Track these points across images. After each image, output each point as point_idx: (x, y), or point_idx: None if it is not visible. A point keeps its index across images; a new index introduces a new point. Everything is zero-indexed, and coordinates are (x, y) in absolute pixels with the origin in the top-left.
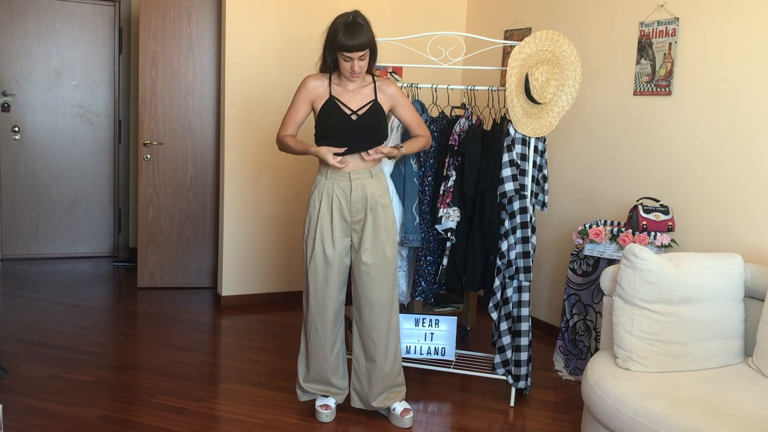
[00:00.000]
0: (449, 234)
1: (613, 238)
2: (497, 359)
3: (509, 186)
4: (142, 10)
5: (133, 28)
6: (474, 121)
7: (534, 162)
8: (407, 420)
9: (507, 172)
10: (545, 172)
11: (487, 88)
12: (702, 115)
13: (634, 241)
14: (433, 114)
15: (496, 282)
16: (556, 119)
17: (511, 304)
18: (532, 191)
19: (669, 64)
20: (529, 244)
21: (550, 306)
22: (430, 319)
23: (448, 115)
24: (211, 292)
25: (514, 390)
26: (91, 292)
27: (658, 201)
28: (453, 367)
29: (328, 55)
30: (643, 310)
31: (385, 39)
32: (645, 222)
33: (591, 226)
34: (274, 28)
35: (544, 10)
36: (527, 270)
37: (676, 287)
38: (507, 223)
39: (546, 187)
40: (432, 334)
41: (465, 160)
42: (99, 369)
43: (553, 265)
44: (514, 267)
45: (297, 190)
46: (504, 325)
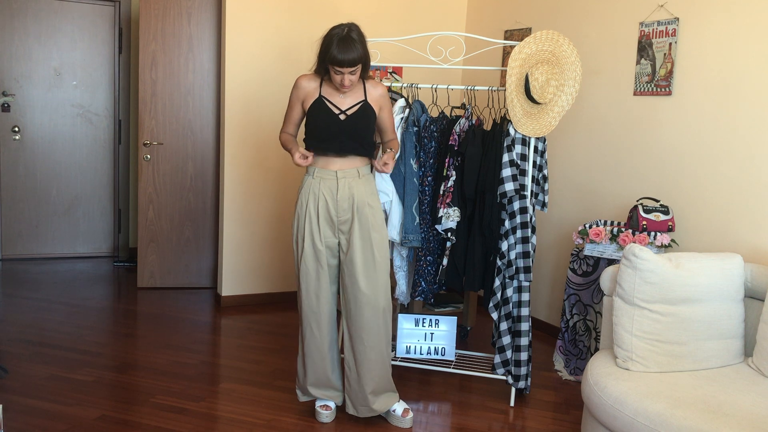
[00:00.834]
0: (449, 234)
1: (613, 238)
2: (497, 359)
3: (509, 186)
4: (142, 10)
5: (133, 28)
6: (474, 121)
7: (534, 162)
8: (408, 420)
9: (507, 172)
10: (545, 172)
11: (487, 88)
12: (702, 115)
13: (634, 241)
14: (433, 114)
15: (496, 282)
16: (556, 119)
17: (511, 304)
18: (532, 191)
19: (669, 64)
20: (529, 244)
21: (550, 306)
22: (430, 319)
23: (448, 115)
24: (211, 292)
25: (514, 390)
26: (91, 292)
27: (658, 201)
28: (453, 367)
29: (320, 63)
30: (643, 310)
31: (385, 39)
32: (645, 222)
33: (591, 226)
34: (274, 28)
35: (544, 10)
36: (527, 270)
37: (676, 287)
38: (507, 223)
39: (546, 187)
40: (432, 334)
41: (465, 160)
42: (99, 369)
43: (553, 265)
44: (514, 267)
45: (297, 190)
46: (504, 325)
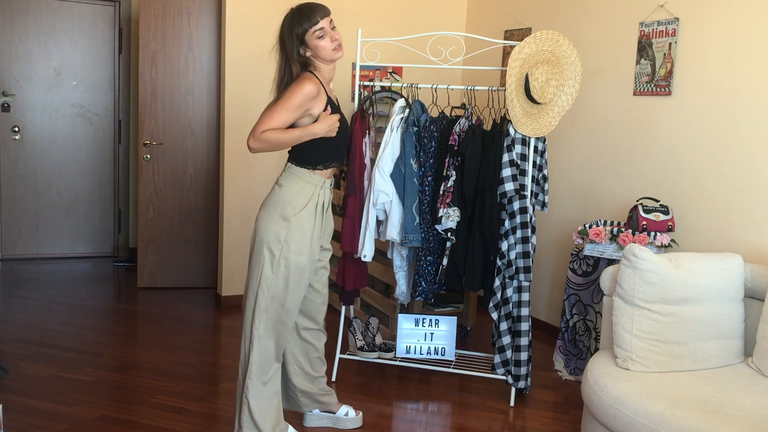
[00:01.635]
0: (449, 234)
1: (613, 238)
2: (497, 359)
3: (509, 186)
4: (142, 10)
5: (133, 28)
6: (474, 121)
7: (534, 162)
8: (358, 419)
9: (507, 172)
10: (545, 172)
11: (487, 88)
12: (702, 115)
13: (634, 241)
14: (433, 114)
15: (496, 282)
16: (556, 119)
17: (511, 304)
18: (532, 191)
19: (669, 64)
20: (529, 244)
21: (550, 306)
22: (430, 319)
23: (448, 115)
24: (211, 292)
25: (514, 390)
26: (91, 292)
27: (658, 201)
28: (453, 367)
29: (293, 54)
30: (643, 310)
31: (385, 39)
32: (645, 222)
33: (591, 226)
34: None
35: (544, 10)
36: (527, 270)
37: (676, 287)
38: (507, 223)
39: (546, 187)
40: (432, 334)
41: (465, 160)
42: (99, 369)
43: (553, 265)
44: (514, 267)
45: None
46: (504, 325)
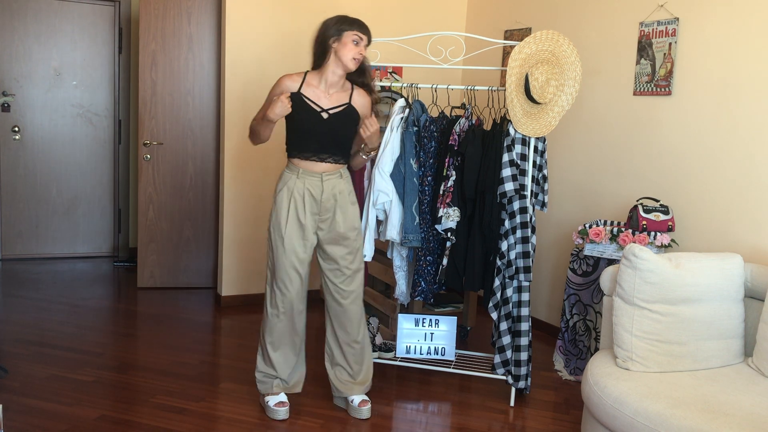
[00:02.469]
0: (449, 234)
1: (613, 238)
2: (497, 359)
3: (509, 186)
4: (142, 10)
5: (133, 28)
6: (474, 121)
7: (534, 162)
8: (365, 411)
9: (507, 172)
10: (545, 172)
11: (487, 88)
12: (702, 115)
13: (634, 241)
14: (433, 114)
15: (496, 282)
16: (556, 119)
17: (511, 304)
18: (532, 191)
19: (669, 64)
20: (529, 244)
21: (550, 306)
22: (430, 319)
23: (448, 115)
24: (211, 292)
25: (514, 390)
26: (91, 292)
27: (658, 201)
28: (453, 367)
29: (325, 44)
30: (643, 310)
31: (385, 39)
32: (645, 222)
33: (591, 226)
34: (274, 28)
35: (544, 10)
36: (527, 270)
37: (676, 287)
38: (507, 223)
39: (546, 187)
40: (432, 334)
41: (465, 160)
42: (99, 369)
43: (553, 265)
44: (514, 267)
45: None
46: (504, 325)
